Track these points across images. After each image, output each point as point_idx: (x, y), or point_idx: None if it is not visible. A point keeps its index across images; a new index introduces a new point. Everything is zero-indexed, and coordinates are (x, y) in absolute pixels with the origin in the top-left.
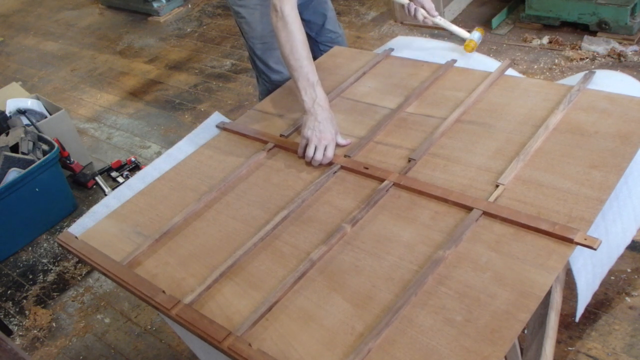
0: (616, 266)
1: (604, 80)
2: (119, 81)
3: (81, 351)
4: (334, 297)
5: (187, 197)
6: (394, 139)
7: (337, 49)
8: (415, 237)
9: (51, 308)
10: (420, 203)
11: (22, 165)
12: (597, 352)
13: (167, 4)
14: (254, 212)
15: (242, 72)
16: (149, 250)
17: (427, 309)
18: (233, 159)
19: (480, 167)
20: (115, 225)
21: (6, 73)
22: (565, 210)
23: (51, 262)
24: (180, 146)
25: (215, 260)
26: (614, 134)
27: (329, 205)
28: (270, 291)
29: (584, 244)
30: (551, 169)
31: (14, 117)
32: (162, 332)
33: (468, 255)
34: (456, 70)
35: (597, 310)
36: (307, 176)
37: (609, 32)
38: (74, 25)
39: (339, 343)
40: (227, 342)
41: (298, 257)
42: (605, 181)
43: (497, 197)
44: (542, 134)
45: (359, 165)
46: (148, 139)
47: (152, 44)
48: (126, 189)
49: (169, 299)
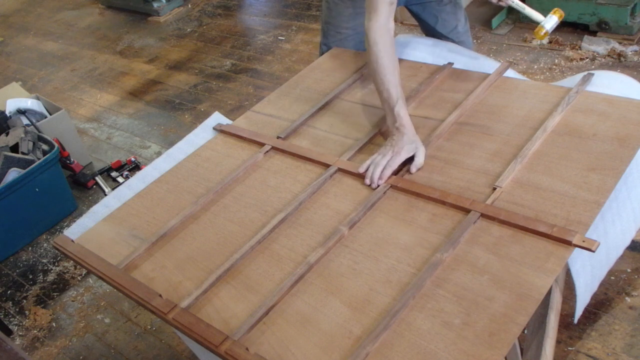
0: (616, 266)
1: (603, 81)
2: (119, 81)
3: (81, 351)
4: (331, 300)
5: (184, 200)
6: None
7: (336, 50)
8: (412, 240)
9: (51, 308)
10: (417, 205)
11: (22, 165)
12: (597, 352)
13: (167, 4)
14: (251, 214)
15: (242, 72)
16: (146, 253)
17: (425, 312)
18: (230, 161)
19: (478, 170)
20: (112, 229)
21: (6, 73)
22: (563, 213)
23: (51, 262)
24: (180, 146)
25: (212, 264)
26: (612, 137)
27: (326, 208)
28: (267, 294)
29: (583, 246)
30: (549, 172)
31: (14, 117)
32: (162, 332)
33: (466, 258)
34: (454, 72)
35: (597, 310)
36: (304, 179)
37: (609, 32)
38: (74, 25)
39: (337, 347)
40: (224, 346)
41: (295, 260)
42: (603, 184)
43: (495, 199)
44: (540, 136)
45: (356, 167)
46: (148, 139)
47: (152, 44)
48: (126, 189)
49: (166, 302)
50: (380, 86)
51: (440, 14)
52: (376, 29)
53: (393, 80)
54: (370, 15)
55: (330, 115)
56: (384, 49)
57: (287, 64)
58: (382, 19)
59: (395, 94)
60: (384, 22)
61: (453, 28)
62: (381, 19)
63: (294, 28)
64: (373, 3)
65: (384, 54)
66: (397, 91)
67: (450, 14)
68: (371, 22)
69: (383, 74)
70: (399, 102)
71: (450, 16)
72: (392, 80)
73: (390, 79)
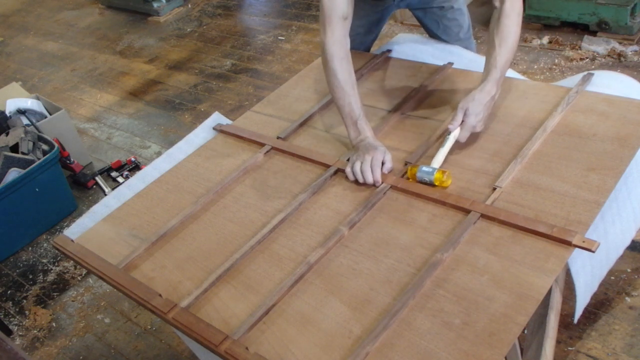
0: (616, 266)
1: (603, 81)
2: (119, 81)
3: (81, 351)
4: (331, 300)
5: (184, 200)
6: (392, 142)
7: None
8: (413, 240)
9: (51, 308)
10: (417, 206)
11: (22, 165)
12: (597, 352)
13: (167, 4)
14: (250, 214)
15: (242, 72)
16: (146, 253)
17: (425, 312)
18: (230, 162)
19: (477, 170)
20: (112, 228)
21: (6, 73)
22: (562, 213)
23: (51, 262)
24: (180, 146)
25: (212, 264)
26: (612, 137)
27: (326, 208)
28: (267, 294)
29: (583, 246)
30: (549, 172)
31: (14, 117)
32: (162, 332)
33: (466, 258)
34: (454, 72)
35: (597, 310)
36: (304, 179)
37: (609, 32)
38: (74, 25)
39: (337, 347)
40: (224, 346)
41: (295, 260)
42: (603, 184)
43: (495, 199)
44: (540, 136)
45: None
46: (148, 139)
47: (152, 44)
48: (126, 189)
49: (166, 302)
50: (340, 100)
51: (442, 20)
52: (332, 43)
53: (353, 93)
54: (325, 30)
55: (330, 115)
56: (341, 63)
57: (287, 64)
58: (337, 33)
59: (357, 108)
60: (340, 37)
61: (455, 34)
62: (337, 33)
63: (294, 28)
64: (327, 18)
65: (342, 68)
66: (358, 105)
67: (452, 20)
68: (327, 37)
69: (342, 88)
70: (361, 115)
71: (452, 22)
72: (351, 93)
73: (350, 93)
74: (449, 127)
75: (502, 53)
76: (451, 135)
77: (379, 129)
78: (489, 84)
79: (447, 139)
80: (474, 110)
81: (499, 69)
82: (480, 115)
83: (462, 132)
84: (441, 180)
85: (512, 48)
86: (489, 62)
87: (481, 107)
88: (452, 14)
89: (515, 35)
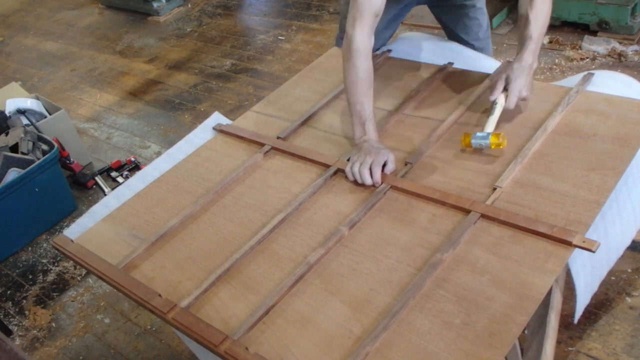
0: (616, 266)
1: (603, 81)
2: (118, 81)
3: (81, 351)
4: (331, 300)
5: (184, 200)
6: (391, 142)
7: (335, 50)
8: (413, 240)
9: (51, 308)
10: (417, 206)
11: (21, 165)
12: (597, 352)
13: (167, 3)
14: (250, 214)
15: (242, 71)
16: (145, 253)
17: (425, 312)
18: (230, 161)
19: (478, 170)
20: (111, 228)
21: (6, 73)
22: (563, 213)
23: (51, 262)
24: (180, 146)
25: (212, 264)
26: (613, 137)
27: (326, 208)
28: (267, 294)
29: (583, 246)
30: (549, 172)
31: (14, 117)
32: (162, 332)
33: (466, 258)
34: (454, 72)
35: (597, 311)
36: (304, 179)
37: (609, 32)
38: (73, 25)
39: (337, 347)
40: (224, 346)
41: (295, 260)
42: (603, 184)
43: (495, 199)
44: (540, 136)
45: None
46: (148, 139)
47: (152, 44)
48: (126, 189)
49: (165, 302)
50: (353, 97)
51: (463, 19)
52: (360, 38)
53: (368, 94)
54: (354, 24)
55: (330, 115)
56: (364, 60)
57: (287, 64)
58: (367, 29)
59: (368, 109)
60: (368, 32)
61: (474, 34)
62: (366, 29)
63: (294, 28)
64: (360, 12)
65: (364, 66)
66: (370, 107)
67: (473, 19)
68: (356, 31)
69: (359, 86)
70: (370, 118)
71: (473, 22)
72: (367, 93)
73: (366, 92)
74: (490, 97)
75: (536, 27)
76: (498, 104)
77: (379, 129)
78: (525, 53)
79: (494, 107)
80: (516, 75)
81: (534, 40)
82: (523, 79)
83: (511, 97)
84: (497, 143)
85: (545, 25)
86: (524, 35)
87: (521, 71)
88: (473, 13)
89: (548, 15)
